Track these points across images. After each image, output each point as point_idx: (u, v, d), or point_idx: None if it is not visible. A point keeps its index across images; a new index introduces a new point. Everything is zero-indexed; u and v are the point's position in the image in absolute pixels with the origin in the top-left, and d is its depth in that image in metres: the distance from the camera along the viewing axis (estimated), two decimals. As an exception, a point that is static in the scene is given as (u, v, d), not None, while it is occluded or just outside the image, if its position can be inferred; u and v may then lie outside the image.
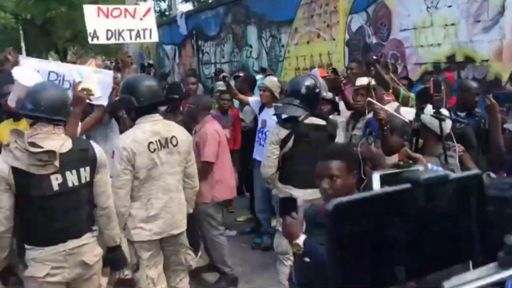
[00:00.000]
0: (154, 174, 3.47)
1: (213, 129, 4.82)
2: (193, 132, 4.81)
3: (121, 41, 5.47)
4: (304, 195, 4.13)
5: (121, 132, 4.31)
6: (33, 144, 2.72)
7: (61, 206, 2.84)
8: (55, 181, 2.79)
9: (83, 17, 5.22)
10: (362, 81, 4.67)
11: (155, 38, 5.50)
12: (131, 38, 5.41)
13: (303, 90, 4.17)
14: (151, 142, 3.45)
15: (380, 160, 3.64)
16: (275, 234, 4.37)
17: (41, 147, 2.71)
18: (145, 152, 3.42)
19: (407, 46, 7.19)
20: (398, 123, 3.78)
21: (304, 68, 9.57)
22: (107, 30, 5.10)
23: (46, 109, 2.79)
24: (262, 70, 9.22)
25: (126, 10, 5.32)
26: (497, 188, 1.08)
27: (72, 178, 2.86)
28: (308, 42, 9.44)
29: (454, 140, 3.37)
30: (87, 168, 2.94)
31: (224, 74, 5.90)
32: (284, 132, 4.14)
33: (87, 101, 3.71)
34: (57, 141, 2.82)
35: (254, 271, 5.12)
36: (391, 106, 4.77)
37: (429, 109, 3.35)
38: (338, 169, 2.33)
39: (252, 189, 5.98)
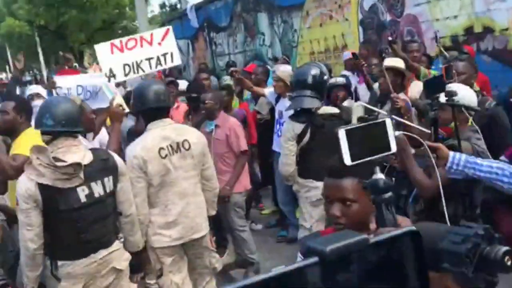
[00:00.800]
0: (168, 180, 3.42)
1: (236, 121, 4.84)
2: (213, 127, 4.72)
3: (140, 73, 5.13)
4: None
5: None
6: (56, 159, 2.74)
7: (90, 217, 2.88)
8: (82, 192, 2.82)
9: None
10: (390, 62, 4.54)
11: (177, 61, 5.23)
12: (151, 68, 5.10)
13: (311, 80, 4.02)
14: (161, 148, 3.39)
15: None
16: (299, 229, 4.28)
17: (65, 161, 2.73)
18: (156, 159, 3.37)
19: (422, 21, 6.97)
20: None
21: (319, 52, 9.40)
22: (124, 65, 4.85)
23: (66, 123, 2.81)
24: (275, 60, 9.09)
25: (141, 38, 5.02)
26: (451, 241, 0.83)
27: (97, 189, 2.90)
28: (320, 25, 9.25)
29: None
30: (110, 178, 2.98)
31: (233, 69, 5.79)
32: (299, 127, 4.02)
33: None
34: (79, 153, 2.84)
35: (281, 265, 5.05)
36: (415, 85, 4.64)
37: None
38: (353, 190, 1.71)
39: (274, 181, 5.88)
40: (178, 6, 19.80)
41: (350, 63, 6.41)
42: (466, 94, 3.10)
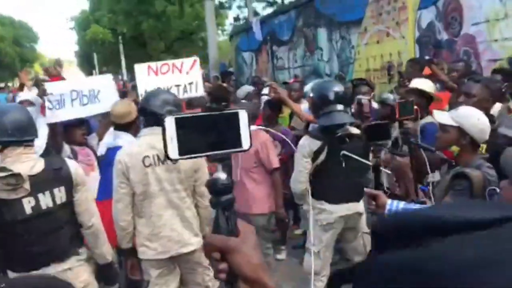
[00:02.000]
0: (151, 190, 3.30)
1: (268, 136, 4.65)
2: None
3: None
4: (339, 211, 3.82)
5: None
6: (3, 169, 2.67)
7: (37, 229, 2.76)
8: (28, 204, 2.72)
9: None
10: (415, 83, 4.26)
11: (200, 91, 5.23)
12: (178, 94, 5.08)
13: (338, 95, 3.82)
14: (146, 156, 3.26)
15: (406, 171, 3.23)
16: (305, 253, 4.06)
17: (11, 171, 2.66)
18: (138, 166, 3.25)
19: (480, 41, 6.51)
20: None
21: (374, 69, 9.08)
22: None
23: (13, 131, 2.72)
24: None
25: (173, 65, 5.12)
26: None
27: (45, 200, 2.75)
28: (378, 42, 8.94)
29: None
30: (62, 188, 2.84)
31: (270, 83, 5.64)
32: (316, 144, 3.81)
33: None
34: (27, 162, 2.75)
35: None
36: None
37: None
38: None
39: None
40: (249, 20, 19.98)
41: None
42: (471, 122, 2.81)
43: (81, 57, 44.45)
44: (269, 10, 21.76)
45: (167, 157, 1.03)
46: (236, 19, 25.18)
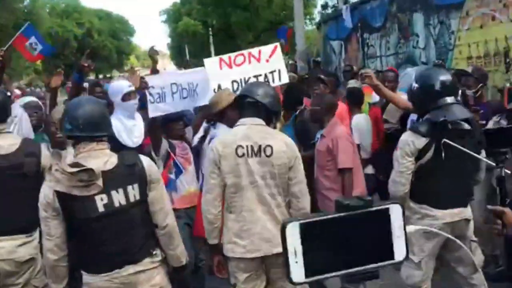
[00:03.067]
0: (243, 183, 3.15)
1: (344, 132, 4.33)
2: (319, 137, 4.36)
3: None
4: (445, 217, 3.43)
5: None
6: (76, 164, 2.56)
7: (110, 228, 2.64)
8: (100, 201, 2.59)
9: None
10: None
11: (284, 79, 4.85)
12: None
13: (450, 85, 3.41)
14: (240, 146, 3.13)
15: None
16: (404, 262, 3.68)
17: (83, 166, 2.55)
18: (231, 156, 3.12)
19: None
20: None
21: (477, 57, 8.33)
22: (233, 82, 4.62)
23: (85, 126, 2.61)
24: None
25: (250, 54, 4.77)
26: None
27: (118, 197, 2.63)
28: (481, 27, 8.17)
29: None
30: (136, 185, 2.68)
31: (363, 71, 5.22)
32: (422, 141, 3.39)
33: None
34: (101, 158, 2.64)
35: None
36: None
37: None
38: None
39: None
40: (337, 6, 19.40)
41: None
42: None
43: (173, 49, 45.81)
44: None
45: (290, 280, 0.77)
46: (324, 7, 24.59)
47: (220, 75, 4.62)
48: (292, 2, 27.41)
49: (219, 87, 4.47)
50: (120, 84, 4.24)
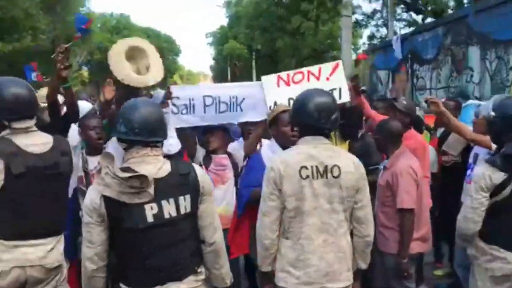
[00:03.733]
0: (305, 207, 2.86)
1: (408, 166, 3.92)
2: (382, 169, 4.06)
3: None
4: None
5: None
6: (127, 169, 2.39)
7: (157, 241, 2.44)
8: (150, 211, 2.38)
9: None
10: None
11: (345, 97, 4.61)
12: None
13: None
14: (304, 167, 2.84)
15: None
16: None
17: (136, 172, 2.37)
18: (294, 177, 2.84)
19: None
20: None
21: (537, 95, 7.98)
22: (289, 99, 4.36)
23: (140, 130, 2.44)
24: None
25: (309, 72, 4.59)
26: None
27: (169, 208, 2.43)
28: (542, 64, 7.86)
29: None
30: (188, 196, 2.50)
31: (429, 97, 4.95)
32: (500, 176, 3.11)
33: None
34: (153, 164, 2.46)
35: None
36: None
37: None
38: None
39: (452, 238, 4.92)
40: (387, 38, 19.26)
41: None
42: None
43: (216, 71, 46.40)
44: (407, 31, 20.82)
45: None
46: (371, 37, 24.45)
47: (277, 92, 4.45)
48: (337, 32, 27.57)
49: (275, 104, 4.32)
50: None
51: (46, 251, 2.92)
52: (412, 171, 3.84)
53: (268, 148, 3.91)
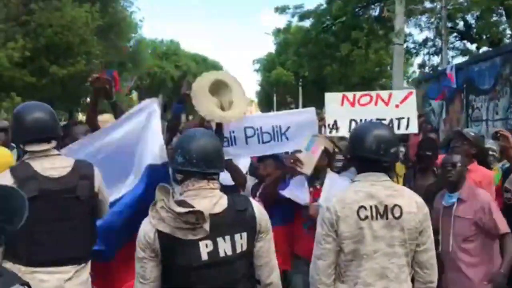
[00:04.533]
0: (363, 251, 2.66)
1: (486, 192, 3.81)
2: (453, 201, 3.79)
3: None
4: None
5: None
6: (183, 203, 2.28)
7: (212, 281, 2.30)
8: (205, 248, 2.27)
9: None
10: None
11: (413, 128, 4.38)
12: None
13: None
14: (362, 207, 2.66)
15: None
16: None
17: (192, 207, 2.25)
18: (352, 218, 2.66)
19: None
20: None
21: None
22: (351, 120, 4.31)
23: (198, 161, 2.34)
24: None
25: (378, 96, 4.43)
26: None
27: (224, 246, 2.31)
28: None
29: None
30: (244, 234, 2.36)
31: (497, 129, 4.67)
32: None
33: None
34: (209, 198, 2.34)
35: None
36: None
37: None
38: None
39: None
40: (440, 67, 18.77)
41: None
42: None
43: (261, 97, 46.57)
44: (460, 60, 20.26)
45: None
46: (422, 66, 23.93)
47: (339, 111, 4.30)
48: (386, 60, 27.18)
49: (334, 122, 4.14)
50: None
51: (63, 279, 2.81)
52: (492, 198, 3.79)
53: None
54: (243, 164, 4.57)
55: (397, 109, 4.32)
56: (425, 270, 2.76)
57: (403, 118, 4.29)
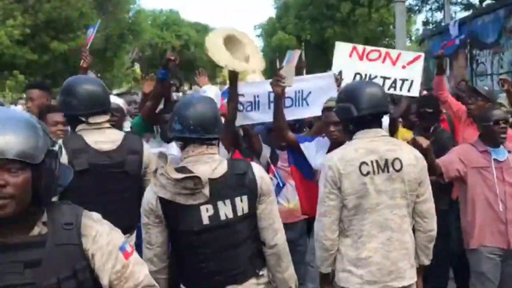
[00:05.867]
0: (366, 205, 2.74)
1: None
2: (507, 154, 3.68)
3: None
4: None
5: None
6: (182, 169, 2.33)
7: (214, 244, 2.36)
8: (205, 213, 2.31)
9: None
10: None
11: (415, 92, 4.38)
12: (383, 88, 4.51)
13: None
14: (364, 163, 2.72)
15: None
16: None
17: (192, 172, 2.30)
18: (355, 174, 2.72)
19: None
20: None
21: None
22: (356, 73, 4.32)
23: (195, 127, 2.36)
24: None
25: (387, 53, 4.41)
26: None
27: (225, 210, 2.35)
28: None
29: None
30: (244, 198, 2.39)
31: (501, 77, 4.64)
32: None
33: None
34: (209, 164, 2.37)
35: None
36: None
37: None
38: None
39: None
40: (443, 23, 18.53)
41: None
42: None
43: (265, 64, 46.26)
44: (464, 14, 19.95)
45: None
46: (426, 23, 23.64)
47: (346, 62, 4.30)
48: (389, 19, 26.82)
49: (339, 73, 4.13)
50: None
51: None
52: None
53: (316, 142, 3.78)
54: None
55: (403, 69, 4.31)
56: (425, 219, 2.85)
57: (407, 80, 4.29)
